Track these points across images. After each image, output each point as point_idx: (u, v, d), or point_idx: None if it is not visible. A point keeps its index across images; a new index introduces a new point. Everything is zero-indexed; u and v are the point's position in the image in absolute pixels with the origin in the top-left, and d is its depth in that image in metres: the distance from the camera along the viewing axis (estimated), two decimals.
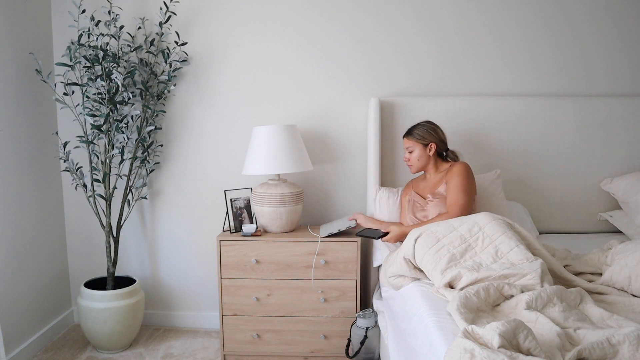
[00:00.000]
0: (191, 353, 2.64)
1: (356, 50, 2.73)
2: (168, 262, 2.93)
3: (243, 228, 2.52)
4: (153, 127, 2.66)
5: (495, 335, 1.20)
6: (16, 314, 2.46)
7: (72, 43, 2.56)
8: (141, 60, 2.70)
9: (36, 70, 2.57)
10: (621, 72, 2.71)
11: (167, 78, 2.67)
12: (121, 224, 2.72)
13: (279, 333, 2.52)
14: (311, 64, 2.75)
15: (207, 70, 2.78)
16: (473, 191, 2.18)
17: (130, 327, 2.61)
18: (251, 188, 2.69)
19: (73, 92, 2.66)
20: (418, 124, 2.32)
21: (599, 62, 2.71)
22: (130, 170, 2.68)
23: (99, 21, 2.61)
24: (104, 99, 2.50)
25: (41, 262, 2.69)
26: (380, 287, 2.42)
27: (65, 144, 2.62)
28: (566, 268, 1.88)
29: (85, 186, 2.62)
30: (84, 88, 2.55)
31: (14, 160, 2.47)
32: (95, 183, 2.63)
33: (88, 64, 2.53)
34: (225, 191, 2.68)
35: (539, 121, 2.63)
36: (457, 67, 2.72)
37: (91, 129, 2.53)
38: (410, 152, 2.29)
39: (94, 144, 2.59)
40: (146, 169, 2.80)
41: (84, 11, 2.57)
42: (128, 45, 2.68)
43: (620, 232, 2.57)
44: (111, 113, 2.52)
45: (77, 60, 2.54)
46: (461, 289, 1.65)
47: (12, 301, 2.44)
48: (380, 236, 2.24)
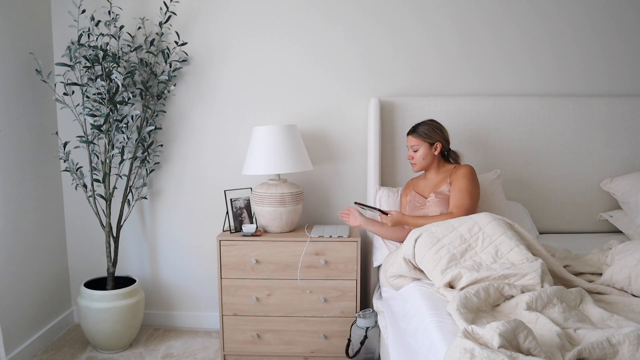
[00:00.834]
0: (191, 353, 2.64)
1: (356, 50, 2.73)
2: (168, 262, 2.94)
3: (243, 228, 2.52)
4: (153, 127, 2.66)
5: (495, 335, 1.20)
6: (16, 314, 2.46)
7: (72, 43, 2.56)
8: (141, 60, 2.70)
9: (36, 70, 2.57)
10: (621, 72, 2.71)
11: (167, 78, 2.67)
12: (121, 224, 2.72)
13: (279, 333, 2.52)
14: (311, 64, 2.75)
15: (207, 70, 2.78)
16: (478, 195, 2.16)
17: (130, 327, 2.61)
18: (251, 188, 2.69)
19: (73, 92, 2.66)
20: (423, 122, 2.28)
21: (599, 62, 2.71)
22: (130, 170, 2.68)
23: (99, 21, 2.61)
24: (104, 99, 2.50)
25: (41, 262, 2.69)
26: (380, 287, 2.42)
27: (65, 144, 2.62)
28: (566, 268, 1.88)
29: (85, 186, 2.62)
30: (84, 88, 2.55)
31: (14, 160, 2.47)
32: (95, 183, 2.63)
33: (88, 64, 2.53)
34: (225, 191, 2.68)
35: (539, 121, 2.64)
36: (457, 67, 2.73)
37: (91, 129, 2.54)
38: (415, 151, 2.24)
39: (94, 144, 2.59)
40: (146, 169, 2.80)
41: (84, 11, 2.57)
42: (128, 45, 2.68)
43: (620, 232, 2.57)
44: (111, 113, 2.52)
45: (77, 60, 2.54)
46: (461, 289, 1.65)
47: (12, 301, 2.44)
48: (379, 211, 2.19)
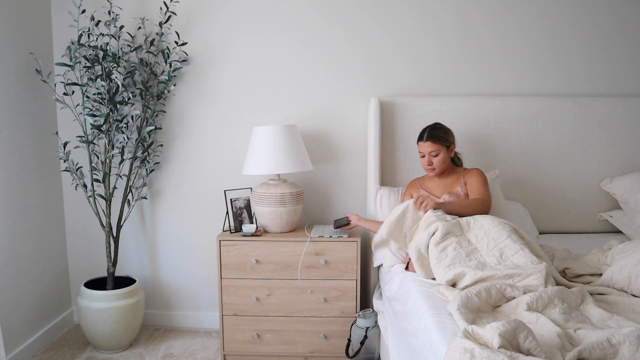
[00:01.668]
0: (191, 353, 2.64)
1: (356, 50, 2.73)
2: (168, 262, 2.93)
3: (243, 228, 2.52)
4: (153, 127, 2.66)
5: (495, 335, 1.20)
6: (16, 314, 2.46)
7: (72, 43, 2.56)
8: (141, 60, 2.70)
9: (36, 70, 2.57)
10: (621, 72, 2.71)
11: (167, 78, 2.67)
12: (121, 224, 2.72)
13: (279, 333, 2.52)
14: (311, 64, 2.75)
15: (207, 70, 2.78)
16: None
17: (130, 327, 2.61)
18: (251, 188, 2.69)
19: (73, 92, 2.66)
20: (434, 127, 2.24)
21: (599, 62, 2.71)
22: (130, 170, 2.68)
23: (99, 21, 2.61)
24: (104, 99, 2.50)
25: (41, 262, 2.69)
26: (380, 287, 2.42)
27: (65, 144, 2.62)
28: (566, 270, 1.88)
29: (85, 186, 2.62)
30: (84, 88, 2.55)
31: (14, 160, 2.47)
32: (95, 183, 2.63)
33: (88, 64, 2.53)
34: (225, 191, 2.68)
35: (539, 121, 2.63)
36: (457, 67, 2.72)
37: (91, 129, 2.53)
38: (435, 156, 2.21)
39: (94, 144, 2.59)
40: (146, 169, 2.80)
41: (84, 11, 2.57)
42: (128, 45, 2.68)
43: (620, 232, 2.57)
44: (111, 113, 2.52)
45: (77, 60, 2.54)
46: (463, 288, 1.65)
47: (13, 301, 2.44)
48: (345, 224, 2.44)
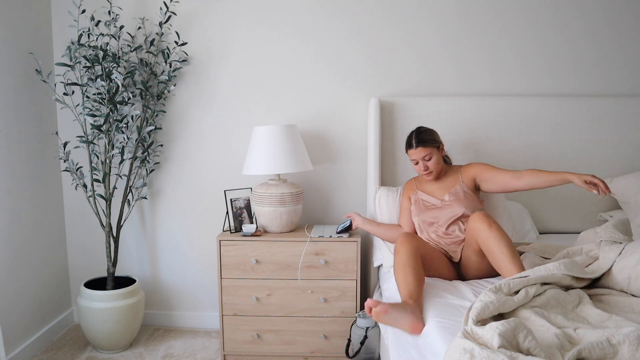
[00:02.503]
0: (191, 353, 2.64)
1: (356, 50, 2.73)
2: (168, 262, 2.93)
3: (243, 228, 2.52)
4: (153, 127, 2.66)
5: (495, 335, 1.20)
6: (16, 314, 2.46)
7: (72, 43, 2.56)
8: (141, 60, 2.70)
9: (36, 70, 2.57)
10: (621, 72, 2.70)
11: (167, 78, 2.67)
12: (121, 224, 2.72)
13: (279, 333, 2.52)
14: (311, 64, 2.75)
15: (207, 70, 2.78)
16: None
17: (130, 327, 2.61)
18: (251, 188, 2.69)
19: (73, 92, 2.66)
20: (419, 131, 2.23)
21: (599, 62, 2.70)
22: (130, 170, 2.68)
23: (99, 21, 2.60)
24: (104, 99, 2.50)
25: (41, 262, 2.69)
26: (380, 287, 2.42)
27: (65, 144, 2.62)
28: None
29: (85, 186, 2.62)
30: (84, 88, 2.55)
31: (14, 160, 2.47)
32: (95, 183, 2.63)
33: (88, 64, 2.53)
34: (225, 191, 2.68)
35: (539, 121, 2.63)
36: (457, 67, 2.72)
37: (91, 129, 2.53)
38: (428, 160, 2.19)
39: (94, 144, 2.59)
40: (146, 169, 2.80)
41: (84, 11, 2.57)
42: (128, 45, 2.68)
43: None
44: (111, 113, 2.52)
45: (77, 60, 2.54)
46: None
47: (12, 301, 2.44)
48: (347, 227, 2.46)
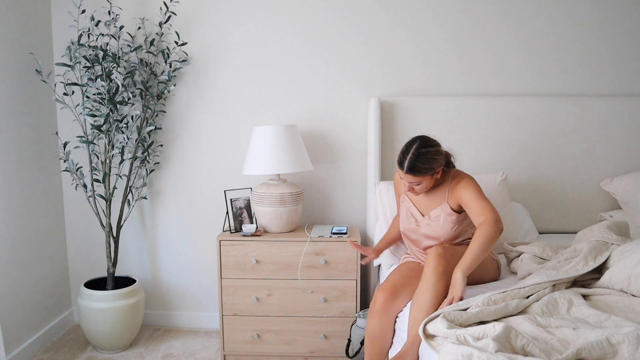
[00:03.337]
0: (191, 353, 2.64)
1: (356, 50, 2.73)
2: (168, 262, 2.93)
3: (243, 228, 2.52)
4: (153, 127, 2.66)
5: (489, 340, 1.21)
6: (16, 314, 2.46)
7: (72, 43, 2.56)
8: (141, 60, 2.70)
9: (36, 70, 2.57)
10: (621, 72, 2.70)
11: (167, 78, 2.67)
12: (121, 224, 2.72)
13: (279, 333, 2.52)
14: (311, 64, 2.75)
15: (207, 70, 2.78)
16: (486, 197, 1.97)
17: (130, 327, 2.61)
18: (251, 188, 2.69)
19: (73, 92, 2.66)
20: (417, 154, 1.88)
21: (600, 62, 2.70)
22: (130, 170, 2.68)
23: (99, 21, 2.60)
24: (104, 99, 2.50)
25: (41, 262, 2.69)
26: None
27: (65, 144, 2.62)
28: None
29: (85, 186, 2.62)
30: (84, 88, 2.55)
31: (14, 160, 2.47)
32: (95, 183, 2.63)
33: (88, 64, 2.53)
34: (225, 191, 2.68)
35: (539, 121, 2.63)
36: (458, 67, 2.72)
37: (91, 129, 2.54)
38: (417, 184, 1.95)
39: (94, 144, 2.59)
40: (146, 169, 2.80)
41: (84, 11, 2.57)
42: (128, 45, 2.68)
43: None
44: (111, 113, 2.52)
45: (77, 60, 2.54)
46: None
47: (13, 301, 2.44)
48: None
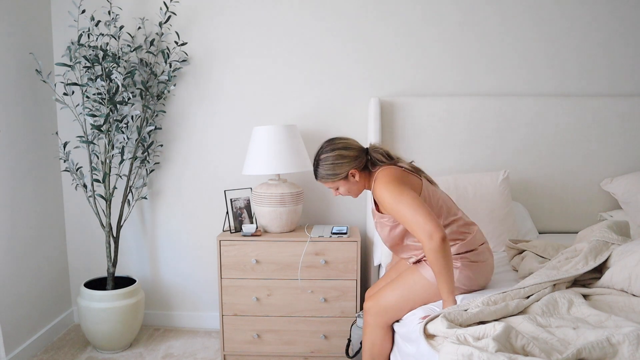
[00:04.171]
0: (191, 353, 2.64)
1: (356, 49, 2.73)
2: (168, 262, 2.93)
3: (243, 228, 2.52)
4: (153, 127, 2.66)
5: (489, 340, 1.21)
6: (16, 314, 2.46)
7: (72, 43, 2.56)
8: (141, 60, 2.70)
9: (36, 70, 2.57)
10: (622, 72, 2.70)
11: (167, 78, 2.67)
12: (121, 224, 2.72)
13: (279, 333, 2.52)
14: (311, 64, 2.75)
15: (207, 70, 2.78)
16: (414, 197, 1.65)
17: (130, 327, 2.61)
18: (251, 188, 2.69)
19: (73, 92, 2.66)
20: (319, 159, 1.85)
21: (600, 62, 2.70)
22: (130, 170, 2.68)
23: (99, 21, 2.60)
24: (104, 99, 2.50)
25: (41, 262, 2.69)
26: None
27: (65, 144, 2.62)
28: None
29: (85, 186, 2.62)
30: (84, 88, 2.55)
31: (14, 160, 2.47)
32: (95, 183, 2.63)
33: (88, 64, 2.53)
34: (225, 191, 2.68)
35: (539, 121, 2.63)
36: (458, 67, 2.72)
37: (91, 129, 2.53)
38: (336, 189, 1.88)
39: (94, 144, 2.59)
40: (146, 169, 2.80)
41: (84, 11, 2.57)
42: (128, 45, 2.68)
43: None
44: (111, 113, 2.52)
45: (77, 60, 2.54)
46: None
47: (12, 301, 2.44)
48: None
